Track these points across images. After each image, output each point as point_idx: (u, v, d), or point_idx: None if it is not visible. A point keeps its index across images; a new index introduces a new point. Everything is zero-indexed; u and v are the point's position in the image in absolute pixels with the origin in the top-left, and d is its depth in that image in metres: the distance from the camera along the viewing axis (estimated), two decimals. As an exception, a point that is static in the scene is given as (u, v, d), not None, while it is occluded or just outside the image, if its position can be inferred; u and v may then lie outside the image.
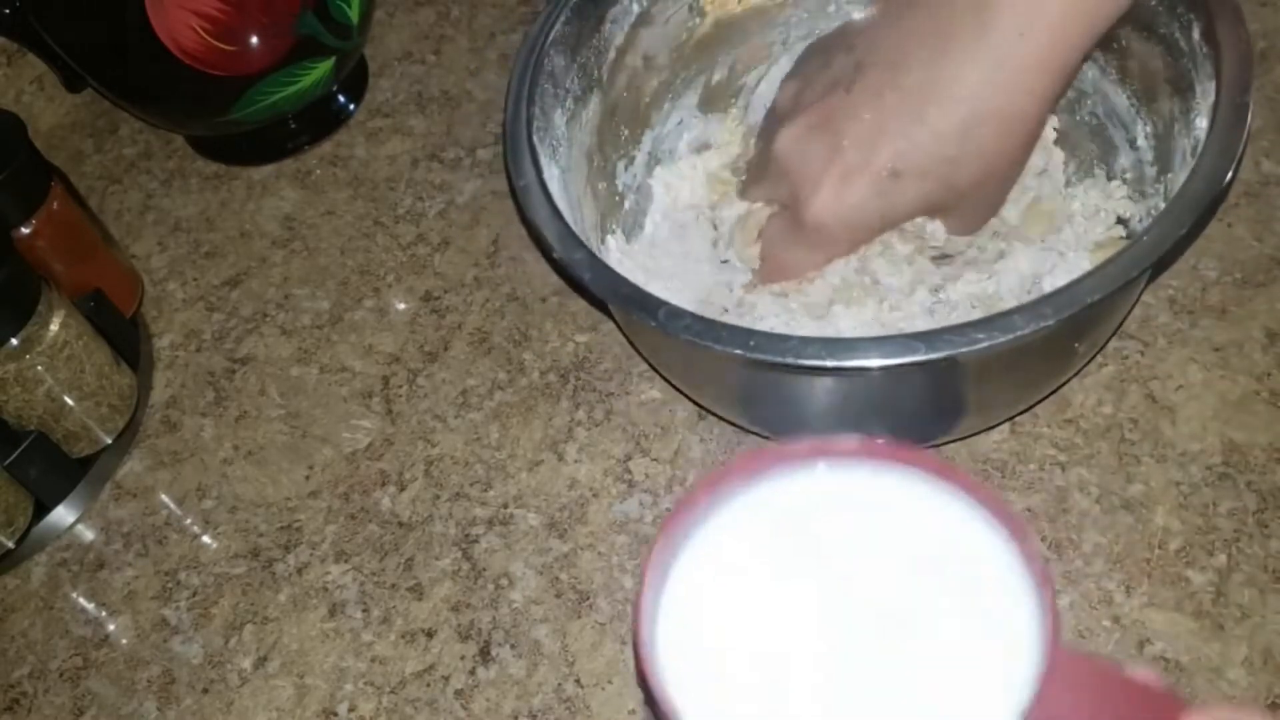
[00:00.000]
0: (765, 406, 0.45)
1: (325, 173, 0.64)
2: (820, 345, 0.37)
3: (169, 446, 0.55)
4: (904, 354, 0.37)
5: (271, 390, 0.56)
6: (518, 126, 0.46)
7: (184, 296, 0.60)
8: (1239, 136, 0.39)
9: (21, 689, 0.48)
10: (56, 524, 0.53)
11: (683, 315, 0.39)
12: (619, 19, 0.51)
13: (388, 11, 0.71)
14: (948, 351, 0.36)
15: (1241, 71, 0.41)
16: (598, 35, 0.50)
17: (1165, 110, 0.46)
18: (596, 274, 0.41)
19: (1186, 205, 0.38)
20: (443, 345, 0.56)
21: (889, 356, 0.37)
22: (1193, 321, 0.50)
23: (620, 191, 0.54)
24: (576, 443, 0.51)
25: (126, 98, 0.63)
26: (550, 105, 0.48)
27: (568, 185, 0.48)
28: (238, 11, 0.56)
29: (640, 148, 0.55)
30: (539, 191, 0.44)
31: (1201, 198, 0.38)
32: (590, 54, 0.50)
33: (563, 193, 0.46)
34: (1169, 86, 0.45)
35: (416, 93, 0.67)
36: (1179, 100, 0.45)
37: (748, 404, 0.46)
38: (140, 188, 0.66)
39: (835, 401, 0.42)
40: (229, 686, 0.47)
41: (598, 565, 0.48)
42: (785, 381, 0.41)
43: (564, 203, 0.45)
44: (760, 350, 0.38)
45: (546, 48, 0.48)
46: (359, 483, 0.52)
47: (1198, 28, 0.43)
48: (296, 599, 0.49)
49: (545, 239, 0.42)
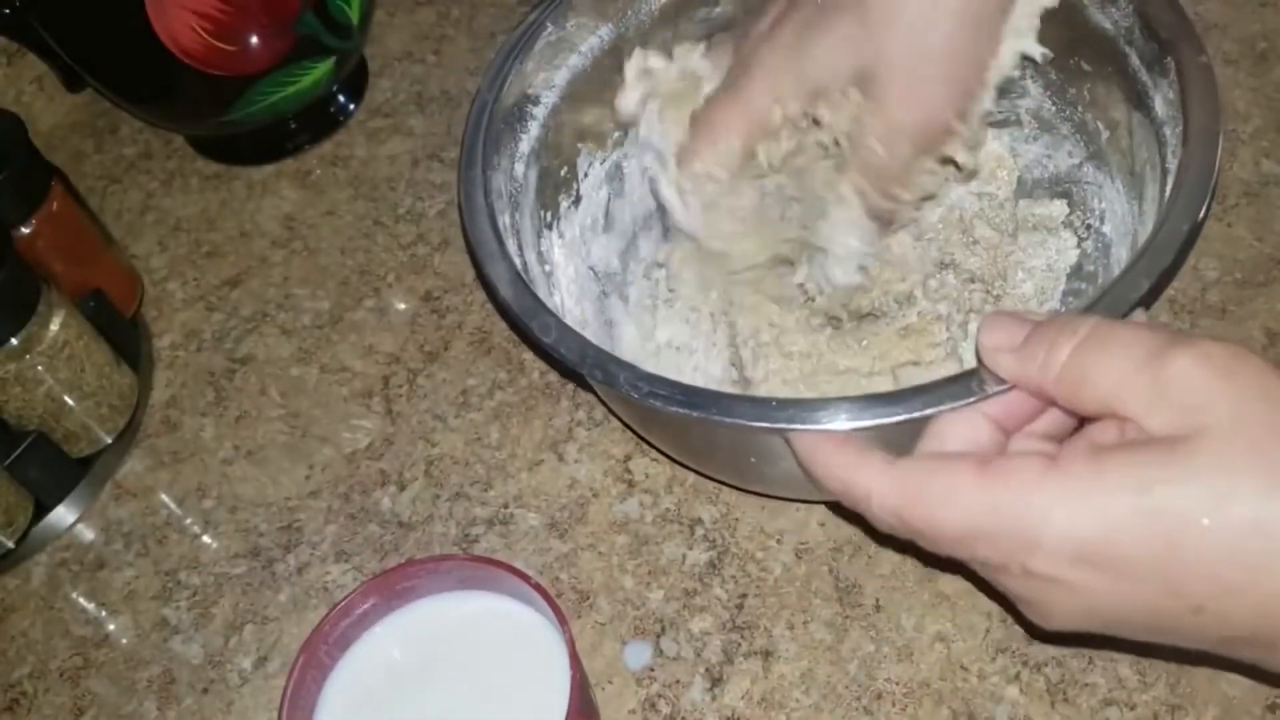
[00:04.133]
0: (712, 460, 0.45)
1: (325, 173, 0.64)
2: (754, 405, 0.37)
3: (169, 446, 0.55)
4: (872, 416, 0.36)
5: (272, 390, 0.56)
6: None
7: (184, 296, 0.60)
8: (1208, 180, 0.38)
9: (21, 689, 0.48)
10: (56, 524, 0.52)
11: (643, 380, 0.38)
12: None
13: (388, 11, 0.71)
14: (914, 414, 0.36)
15: (1208, 112, 0.40)
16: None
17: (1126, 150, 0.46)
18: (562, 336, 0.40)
19: (1160, 249, 0.37)
20: (443, 345, 0.56)
21: (858, 418, 0.36)
22: (1193, 321, 0.50)
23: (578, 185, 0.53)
24: (576, 443, 0.51)
25: (126, 98, 0.63)
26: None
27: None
28: (238, 11, 0.56)
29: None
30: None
31: (1174, 239, 0.37)
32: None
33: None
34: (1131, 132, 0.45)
35: (416, 93, 0.67)
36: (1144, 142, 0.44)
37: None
38: (140, 188, 0.66)
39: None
40: (229, 686, 0.47)
41: (598, 565, 0.48)
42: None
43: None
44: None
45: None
46: (359, 483, 0.52)
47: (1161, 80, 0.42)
48: (297, 599, 0.49)
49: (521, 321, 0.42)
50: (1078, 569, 0.31)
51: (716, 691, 0.44)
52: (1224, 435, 0.29)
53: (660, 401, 0.38)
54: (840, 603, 0.45)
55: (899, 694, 0.43)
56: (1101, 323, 0.33)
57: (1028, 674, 0.43)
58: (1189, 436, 0.30)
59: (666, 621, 0.46)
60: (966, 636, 0.44)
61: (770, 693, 0.44)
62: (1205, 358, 0.30)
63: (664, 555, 0.47)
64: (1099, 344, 0.32)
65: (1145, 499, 0.30)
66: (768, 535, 0.47)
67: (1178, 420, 0.30)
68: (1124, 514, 0.30)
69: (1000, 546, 0.32)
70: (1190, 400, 0.30)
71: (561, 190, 0.51)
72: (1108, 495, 0.30)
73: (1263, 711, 0.41)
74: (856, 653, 0.44)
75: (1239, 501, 0.29)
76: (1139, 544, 0.30)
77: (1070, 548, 0.31)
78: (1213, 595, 0.30)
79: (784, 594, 0.46)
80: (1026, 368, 0.34)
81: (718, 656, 0.45)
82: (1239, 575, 0.29)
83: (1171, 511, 0.30)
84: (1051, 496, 0.31)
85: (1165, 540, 0.30)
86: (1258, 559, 0.29)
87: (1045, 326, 0.34)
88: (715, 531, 0.48)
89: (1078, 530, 0.31)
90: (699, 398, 0.37)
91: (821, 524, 0.47)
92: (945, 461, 0.34)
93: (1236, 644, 0.31)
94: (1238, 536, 0.29)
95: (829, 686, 0.43)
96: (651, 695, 0.44)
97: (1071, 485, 0.31)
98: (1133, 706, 0.41)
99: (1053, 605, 0.33)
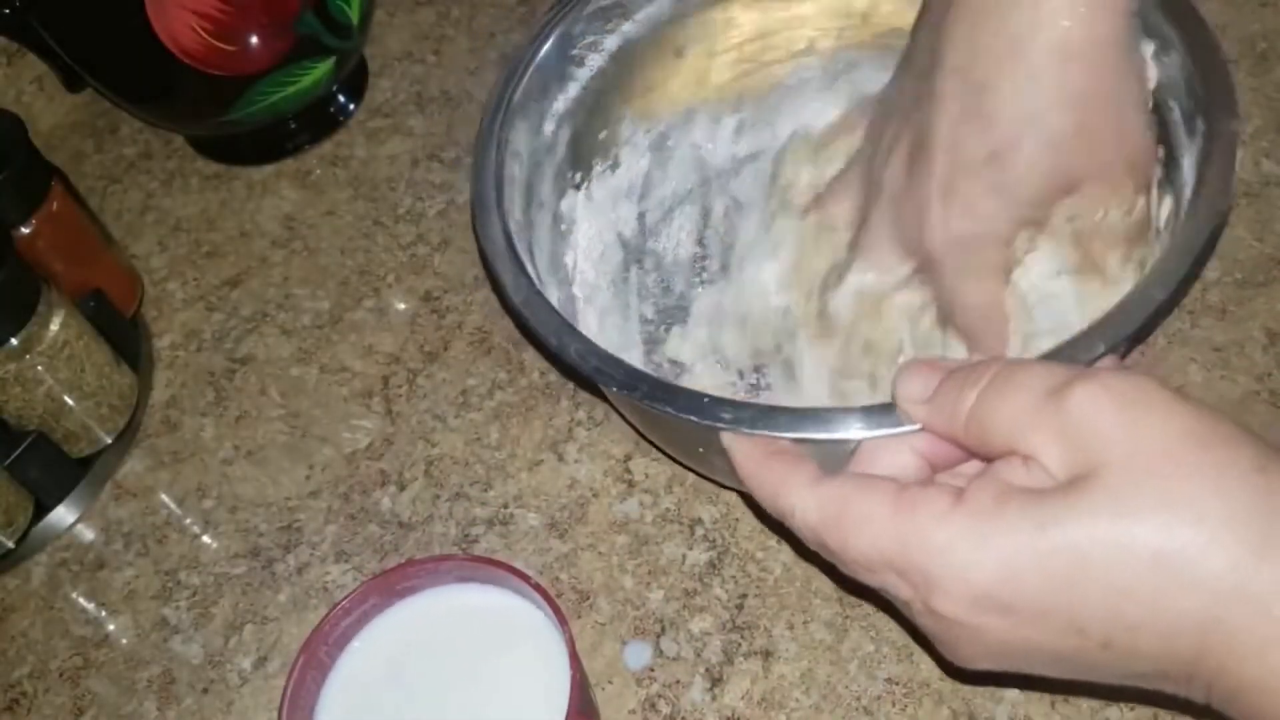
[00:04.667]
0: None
1: (325, 173, 0.64)
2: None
3: (169, 446, 0.55)
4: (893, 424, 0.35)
5: (271, 390, 0.56)
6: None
7: (184, 296, 0.60)
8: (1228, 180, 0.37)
9: (21, 689, 0.48)
10: (56, 524, 0.52)
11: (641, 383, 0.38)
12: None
13: (388, 11, 0.71)
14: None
15: (1224, 95, 0.39)
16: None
17: None
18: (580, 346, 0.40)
19: (1183, 250, 0.36)
20: (443, 345, 0.56)
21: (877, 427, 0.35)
22: (1193, 321, 0.50)
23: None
24: (576, 443, 0.51)
25: (126, 98, 0.63)
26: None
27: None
28: (238, 11, 0.56)
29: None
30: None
31: (1199, 238, 0.36)
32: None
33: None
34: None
35: (416, 93, 0.67)
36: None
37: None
38: (140, 188, 0.66)
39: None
40: (229, 686, 0.47)
41: (598, 565, 0.48)
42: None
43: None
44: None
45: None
46: (359, 483, 0.52)
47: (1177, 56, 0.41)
48: (296, 599, 0.49)
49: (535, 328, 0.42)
50: (980, 610, 0.31)
51: (716, 691, 0.44)
52: (1121, 469, 0.29)
53: (605, 381, 0.38)
54: (840, 603, 0.45)
55: (899, 694, 0.43)
56: (1006, 365, 0.32)
57: (1028, 674, 0.43)
58: (1086, 474, 0.29)
59: (666, 621, 0.46)
60: (966, 636, 0.44)
61: (770, 693, 0.44)
62: (1105, 392, 0.30)
63: (664, 555, 0.47)
64: (1000, 386, 0.32)
65: (1043, 539, 0.29)
66: (768, 535, 0.47)
67: (1076, 456, 0.30)
68: (1023, 555, 0.30)
69: (906, 580, 0.32)
70: (1087, 435, 0.30)
71: (597, 154, 0.52)
72: (1006, 536, 0.30)
73: (1263, 711, 0.41)
74: (856, 653, 0.44)
75: (1137, 536, 0.28)
76: (1038, 585, 0.30)
77: (970, 589, 0.30)
78: (1116, 631, 0.29)
79: (784, 594, 0.46)
80: (938, 417, 0.33)
81: (718, 656, 0.45)
82: (1139, 611, 0.29)
83: (1068, 550, 0.29)
84: (953, 534, 0.31)
85: (1063, 580, 0.29)
86: (1156, 594, 0.28)
87: (954, 374, 0.33)
88: (715, 531, 0.48)
89: (977, 571, 0.30)
90: (642, 383, 0.38)
91: (821, 524, 0.47)
92: (866, 485, 0.33)
93: (1152, 679, 0.31)
94: (1137, 572, 0.28)
95: (829, 686, 0.43)
96: (651, 695, 0.44)
97: (973, 524, 0.30)
98: (1133, 707, 0.41)
99: (961, 645, 0.32)
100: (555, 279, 0.48)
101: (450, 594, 0.40)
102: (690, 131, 0.55)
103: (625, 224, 0.54)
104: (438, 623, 0.40)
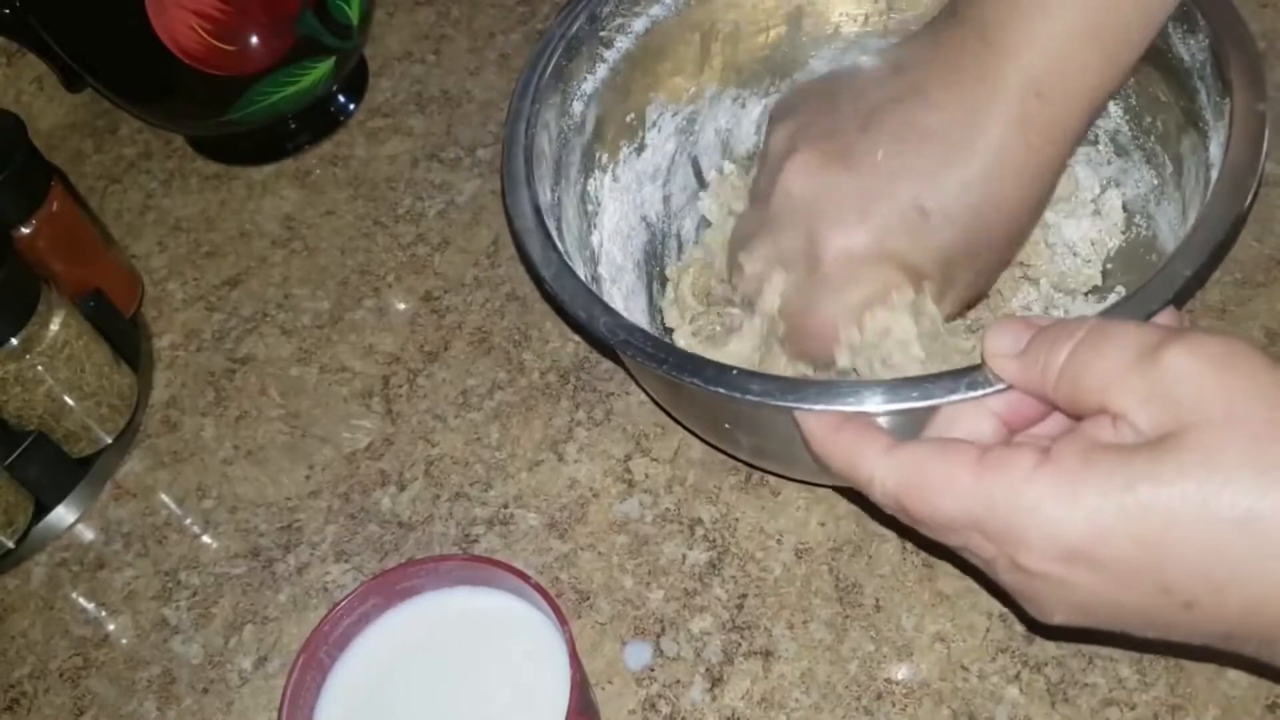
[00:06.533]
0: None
1: (325, 173, 0.64)
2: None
3: (169, 446, 0.55)
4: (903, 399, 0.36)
5: (271, 390, 0.56)
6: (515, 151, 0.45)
7: (184, 296, 0.60)
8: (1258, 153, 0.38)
9: (21, 689, 0.48)
10: (56, 524, 0.52)
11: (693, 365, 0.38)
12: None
13: (388, 11, 0.71)
14: (939, 400, 0.36)
15: (1255, 81, 0.40)
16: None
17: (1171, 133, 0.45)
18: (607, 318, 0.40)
19: (1211, 229, 0.37)
20: (443, 345, 0.56)
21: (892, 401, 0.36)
22: (1193, 321, 0.50)
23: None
24: (576, 443, 0.51)
25: (126, 98, 0.63)
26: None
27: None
28: (238, 11, 0.56)
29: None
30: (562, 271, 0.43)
31: (1225, 218, 0.37)
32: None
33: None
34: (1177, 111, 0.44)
35: (416, 93, 0.67)
36: (1188, 121, 0.44)
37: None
38: (140, 188, 0.66)
39: None
40: (229, 686, 0.47)
41: (598, 565, 0.48)
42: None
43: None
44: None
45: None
46: (359, 483, 0.52)
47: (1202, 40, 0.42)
48: (296, 599, 0.49)
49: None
50: (1067, 566, 0.31)
51: (716, 691, 0.44)
52: (1215, 431, 0.29)
53: (632, 353, 0.38)
54: (840, 603, 0.45)
55: (899, 694, 0.43)
56: (1099, 323, 0.33)
57: (1028, 674, 0.43)
58: (1178, 433, 0.30)
59: (666, 621, 0.46)
60: (966, 636, 0.44)
61: (770, 693, 0.44)
62: (1199, 352, 0.30)
63: (664, 555, 0.47)
64: (1094, 343, 0.32)
65: (1131, 498, 0.30)
66: (768, 535, 0.47)
67: (1168, 416, 0.30)
68: (1111, 513, 0.30)
69: (993, 539, 0.32)
70: (1181, 395, 0.30)
71: (624, 135, 0.52)
72: (1095, 494, 0.30)
73: (1262, 711, 0.41)
74: (856, 653, 0.44)
75: (1227, 498, 0.29)
76: (1126, 543, 0.30)
77: (1058, 546, 0.31)
78: (1202, 592, 0.30)
79: (784, 594, 0.46)
80: (1028, 373, 0.34)
81: (718, 656, 0.45)
82: (1226, 572, 0.29)
83: (1157, 510, 0.29)
84: (1042, 493, 0.31)
85: (1152, 539, 0.30)
86: (1246, 556, 0.29)
87: (1046, 331, 0.34)
88: (715, 531, 0.48)
89: (1066, 529, 0.31)
90: (671, 355, 0.38)
91: (821, 524, 0.47)
92: (945, 448, 0.34)
93: (1232, 639, 0.31)
94: (1226, 533, 0.29)
95: (829, 686, 0.43)
96: (651, 695, 0.44)
97: (1062, 482, 0.31)
98: (1133, 706, 0.41)
99: (1047, 601, 0.33)
100: (582, 258, 0.48)
101: (450, 594, 0.40)
102: (716, 115, 0.55)
103: (650, 206, 0.54)
104: (438, 623, 0.40)
